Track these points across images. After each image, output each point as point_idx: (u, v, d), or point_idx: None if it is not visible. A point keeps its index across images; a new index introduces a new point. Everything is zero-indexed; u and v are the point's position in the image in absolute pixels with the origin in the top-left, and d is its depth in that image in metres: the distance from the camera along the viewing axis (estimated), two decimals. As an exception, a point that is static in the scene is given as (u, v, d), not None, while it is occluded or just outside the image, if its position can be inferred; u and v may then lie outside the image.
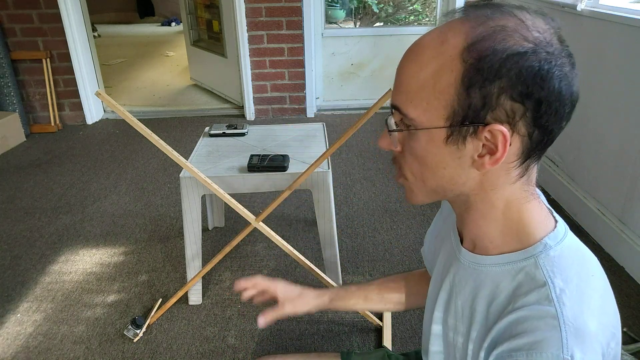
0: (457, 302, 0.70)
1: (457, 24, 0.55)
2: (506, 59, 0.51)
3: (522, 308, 0.57)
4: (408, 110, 0.57)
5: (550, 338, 0.53)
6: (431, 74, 0.55)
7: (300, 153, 1.71)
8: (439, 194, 0.64)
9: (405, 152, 0.62)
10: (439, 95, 0.55)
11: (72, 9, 3.29)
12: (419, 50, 0.57)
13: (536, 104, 0.53)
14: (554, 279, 0.57)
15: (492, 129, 0.54)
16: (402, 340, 1.59)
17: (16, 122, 3.31)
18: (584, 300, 0.56)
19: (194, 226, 1.67)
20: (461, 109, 0.54)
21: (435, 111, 0.56)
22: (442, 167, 0.59)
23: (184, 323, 1.71)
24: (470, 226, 0.66)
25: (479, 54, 0.52)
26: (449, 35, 0.54)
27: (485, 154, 0.56)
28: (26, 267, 2.02)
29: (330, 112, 3.79)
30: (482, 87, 0.52)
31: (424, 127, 0.57)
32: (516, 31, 0.52)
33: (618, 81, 1.93)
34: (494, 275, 0.63)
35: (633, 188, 1.85)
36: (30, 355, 1.59)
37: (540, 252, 0.59)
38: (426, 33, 0.58)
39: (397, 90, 0.59)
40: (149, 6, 8.28)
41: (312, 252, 2.06)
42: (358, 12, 5.08)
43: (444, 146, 0.57)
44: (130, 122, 1.26)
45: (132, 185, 2.70)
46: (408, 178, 0.64)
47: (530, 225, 0.62)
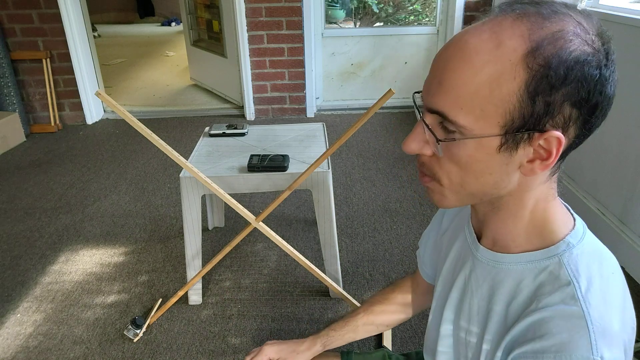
0: (472, 301, 0.68)
1: (510, 24, 0.51)
2: (572, 66, 0.49)
3: (546, 308, 0.56)
4: (457, 117, 0.53)
5: (578, 339, 0.52)
6: (488, 80, 0.51)
7: (300, 153, 1.71)
8: (476, 198, 0.61)
9: (443, 157, 0.57)
10: (498, 103, 0.51)
11: (72, 9, 3.29)
12: (469, 52, 0.52)
13: (591, 109, 0.53)
14: (579, 278, 0.56)
15: (548, 136, 0.52)
16: (402, 341, 1.59)
17: (16, 122, 3.31)
18: (607, 299, 0.56)
19: (194, 226, 1.67)
20: (521, 117, 0.51)
21: (491, 119, 0.52)
22: (487, 173, 0.56)
23: (184, 323, 1.71)
24: (495, 225, 0.64)
25: (544, 61, 0.49)
26: (505, 38, 0.50)
27: (534, 159, 0.55)
28: (26, 267, 2.02)
29: (330, 112, 3.79)
30: (548, 95, 0.50)
31: (476, 135, 0.53)
32: (576, 35, 0.50)
33: (618, 81, 1.93)
34: (515, 273, 0.62)
35: (633, 188, 1.85)
36: (30, 355, 1.59)
37: (564, 251, 0.59)
38: (471, 32, 0.53)
39: (441, 94, 0.54)
40: (149, 6, 8.28)
41: (312, 252, 2.06)
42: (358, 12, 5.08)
43: (495, 154, 0.54)
44: (130, 122, 1.26)
45: (132, 185, 2.70)
46: (443, 183, 0.59)
47: (554, 223, 0.61)
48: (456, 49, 0.53)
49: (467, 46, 0.52)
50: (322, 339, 0.99)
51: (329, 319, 1.70)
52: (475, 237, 0.69)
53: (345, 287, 1.84)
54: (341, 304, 1.77)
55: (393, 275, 1.92)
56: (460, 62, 0.52)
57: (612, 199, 1.99)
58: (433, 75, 0.55)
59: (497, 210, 0.62)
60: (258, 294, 1.84)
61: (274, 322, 1.70)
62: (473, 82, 0.51)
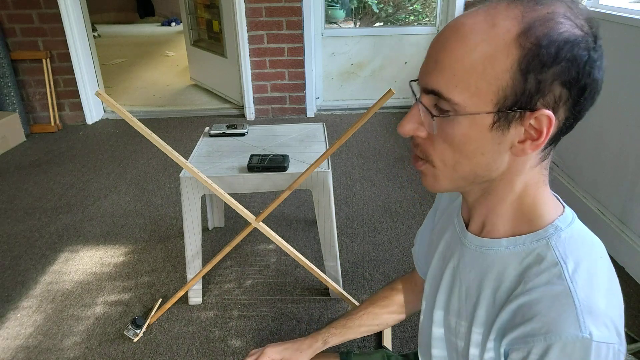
0: (461, 287, 0.69)
1: (504, 7, 0.54)
2: (562, 45, 0.52)
3: (533, 289, 0.57)
4: (452, 94, 0.54)
5: (566, 318, 0.53)
6: (482, 58, 0.53)
7: (300, 153, 1.71)
8: (468, 181, 0.61)
9: (437, 138, 0.58)
10: (491, 80, 0.53)
11: (72, 9, 3.29)
12: (464, 32, 0.54)
13: (580, 91, 0.55)
14: (566, 259, 0.57)
15: (539, 114, 0.54)
16: (402, 341, 1.59)
17: (16, 122, 3.31)
18: (594, 281, 0.57)
19: (194, 226, 1.67)
20: (513, 95, 0.53)
21: (485, 96, 0.54)
22: (480, 153, 0.57)
23: (184, 323, 1.71)
24: (483, 210, 0.65)
25: (536, 40, 0.52)
26: (499, 19, 0.53)
27: (525, 139, 0.56)
28: (26, 267, 2.02)
29: (330, 112, 3.79)
30: (539, 73, 0.52)
31: (470, 112, 0.55)
32: (567, 18, 0.53)
33: (618, 81, 1.93)
34: (502, 258, 0.63)
35: (633, 188, 1.85)
36: (30, 355, 1.59)
37: (552, 233, 0.60)
38: (466, 14, 0.56)
39: (437, 72, 0.55)
40: (149, 6, 8.28)
41: (312, 252, 2.06)
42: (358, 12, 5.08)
43: (488, 132, 0.56)
44: (130, 122, 1.26)
45: (132, 185, 2.70)
46: (436, 165, 0.60)
47: (543, 208, 0.62)
48: (452, 30, 0.55)
49: (462, 27, 0.54)
50: (322, 336, 0.99)
51: (329, 319, 1.70)
52: (464, 225, 0.70)
53: (345, 287, 1.84)
54: (341, 304, 1.77)
55: (393, 275, 1.92)
56: (455, 42, 0.54)
57: (612, 199, 1.99)
58: (430, 56, 0.57)
59: (487, 195, 0.63)
60: (258, 294, 1.84)
61: (274, 322, 1.70)
62: (468, 60, 0.53)
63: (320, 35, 3.63)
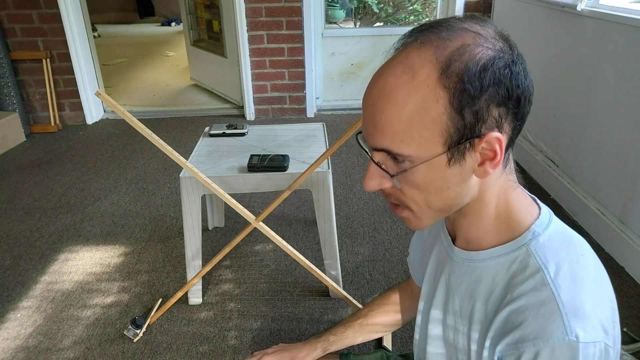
0: (454, 301, 0.70)
1: (416, 54, 0.55)
2: (482, 72, 0.53)
3: (520, 297, 0.59)
4: (401, 149, 0.56)
5: (551, 323, 0.55)
6: (416, 110, 0.54)
7: (300, 153, 1.71)
8: (446, 212, 0.64)
9: (403, 186, 0.61)
10: (431, 126, 0.55)
11: (72, 9, 3.29)
12: (389, 91, 0.55)
13: (516, 102, 0.56)
14: (547, 264, 0.59)
15: (488, 138, 0.56)
16: (402, 341, 1.59)
17: (16, 122, 3.31)
18: (578, 281, 0.58)
19: (194, 226, 1.67)
20: (456, 131, 0.55)
21: (431, 141, 0.56)
22: (446, 188, 0.60)
23: (184, 323, 1.71)
24: (465, 227, 0.67)
25: (457, 76, 0.53)
26: (416, 67, 0.54)
27: (483, 161, 0.58)
28: (26, 267, 2.02)
29: (330, 112, 3.79)
30: (472, 105, 0.54)
31: (424, 159, 0.57)
32: (477, 45, 0.54)
33: (618, 81, 1.93)
34: (490, 268, 0.64)
35: (633, 188, 1.85)
36: (30, 355, 1.59)
37: (530, 240, 0.61)
38: (385, 70, 0.57)
39: (379, 134, 0.57)
40: (149, 6, 8.28)
41: (312, 252, 2.06)
42: (358, 12, 5.08)
43: (447, 169, 0.58)
44: (130, 122, 1.26)
45: (132, 185, 2.70)
46: (413, 209, 0.63)
47: (518, 214, 0.64)
48: (377, 90, 0.57)
49: (386, 86, 0.56)
50: (322, 343, 0.99)
51: (329, 319, 1.70)
52: (450, 240, 0.72)
53: (345, 287, 1.84)
54: (341, 304, 1.77)
55: (393, 275, 1.92)
56: (385, 103, 0.56)
57: (612, 199, 1.99)
58: (367, 118, 0.59)
59: (465, 215, 0.65)
60: (258, 294, 1.84)
61: (274, 322, 1.70)
62: (403, 116, 0.55)
63: (320, 35, 3.63)
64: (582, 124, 2.19)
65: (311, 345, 0.99)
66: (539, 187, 2.53)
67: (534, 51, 2.60)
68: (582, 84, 2.18)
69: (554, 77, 2.42)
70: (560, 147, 2.40)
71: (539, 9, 2.54)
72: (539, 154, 2.61)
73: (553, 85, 2.43)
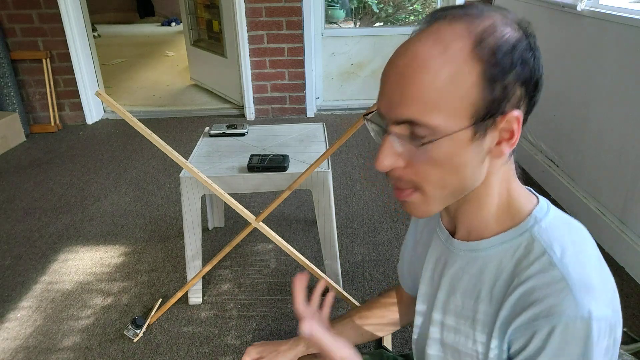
0: (456, 300, 0.70)
1: (448, 28, 0.56)
2: (512, 50, 0.55)
3: (528, 279, 0.59)
4: (429, 120, 0.55)
5: (563, 301, 0.55)
6: (449, 79, 0.54)
7: (300, 153, 1.71)
8: (456, 196, 0.62)
9: (418, 163, 0.58)
10: (462, 98, 0.55)
11: (72, 9, 3.29)
12: (422, 60, 0.55)
13: (534, 86, 0.58)
14: (552, 246, 0.60)
15: (510, 116, 0.57)
16: (403, 341, 1.59)
17: (16, 122, 3.31)
18: (583, 260, 0.59)
19: (194, 226, 1.67)
20: (484, 105, 0.56)
21: (459, 113, 0.55)
22: (463, 166, 0.59)
23: (183, 323, 1.71)
24: (467, 216, 0.67)
25: (491, 50, 0.54)
26: (448, 40, 0.55)
27: (501, 141, 0.59)
28: (26, 267, 2.02)
29: (330, 112, 3.79)
30: (503, 80, 0.55)
31: (449, 133, 0.56)
32: (505, 25, 0.56)
33: (618, 81, 1.93)
34: (493, 257, 0.64)
35: (633, 188, 1.85)
36: (30, 355, 1.59)
37: (533, 225, 0.62)
38: (414, 42, 0.57)
39: (406, 103, 0.56)
40: (149, 6, 8.28)
41: (312, 252, 2.06)
42: (358, 12, 5.08)
43: (469, 145, 0.57)
44: (130, 122, 1.26)
45: (132, 185, 2.70)
46: (425, 190, 0.60)
47: (519, 201, 0.65)
48: (408, 60, 0.56)
49: (417, 56, 0.55)
50: (304, 339, 0.97)
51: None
52: (449, 234, 0.72)
53: (345, 287, 1.84)
54: (341, 304, 1.77)
55: (393, 275, 1.92)
56: (417, 71, 0.55)
57: (612, 199, 1.99)
58: (392, 89, 0.57)
59: (468, 202, 0.65)
60: (258, 294, 1.84)
61: (274, 322, 1.70)
62: (436, 85, 0.54)
63: (320, 35, 3.63)
64: (582, 124, 2.19)
65: (294, 341, 0.97)
66: (539, 187, 2.53)
67: (534, 51, 2.59)
68: (582, 84, 2.18)
69: (554, 77, 2.42)
70: (560, 147, 2.40)
71: (539, 9, 2.54)
72: (539, 154, 2.61)
73: (553, 85, 2.43)
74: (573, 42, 2.24)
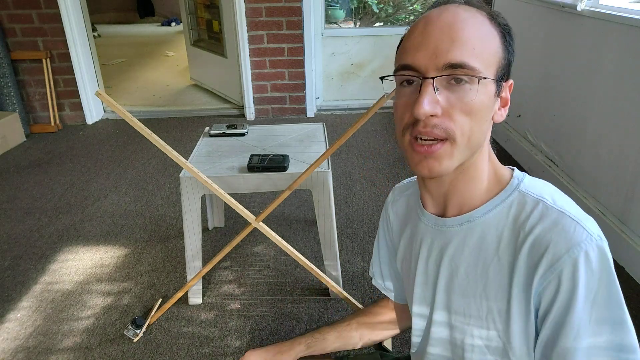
0: (459, 275, 0.70)
1: (464, 8, 0.64)
2: (507, 26, 0.65)
3: (534, 228, 0.62)
4: (476, 64, 0.60)
5: (575, 232, 0.59)
6: (485, 34, 0.62)
7: (300, 153, 1.71)
8: (472, 153, 0.66)
9: (454, 111, 0.61)
10: (494, 52, 0.63)
11: (72, 9, 3.29)
12: (463, 17, 0.62)
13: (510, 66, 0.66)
14: (543, 195, 0.65)
15: (510, 83, 0.67)
16: (403, 341, 1.59)
17: (16, 122, 3.31)
18: (568, 200, 0.65)
19: (194, 226, 1.67)
20: (505, 65, 0.64)
21: (492, 66, 0.63)
22: (487, 119, 0.65)
23: (184, 323, 1.71)
24: (462, 188, 0.69)
25: (504, 22, 0.65)
26: (472, 11, 0.63)
27: (501, 106, 0.67)
28: (26, 267, 2.02)
29: (330, 112, 3.79)
30: (510, 47, 0.65)
31: (488, 77, 0.61)
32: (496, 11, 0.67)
33: (618, 81, 1.93)
34: (489, 221, 0.67)
35: (633, 188, 1.85)
36: (30, 355, 1.59)
37: (518, 184, 0.67)
38: (446, 9, 0.63)
39: (457, 48, 0.60)
40: (149, 6, 8.28)
41: (312, 252, 2.06)
42: (358, 12, 5.08)
43: (493, 99, 0.64)
44: (130, 122, 1.26)
45: (132, 185, 2.70)
46: (457, 139, 0.62)
47: (501, 168, 0.70)
48: (450, 15, 0.62)
49: (459, 14, 0.62)
50: (306, 339, 0.97)
51: (329, 319, 1.70)
52: (434, 216, 0.73)
53: (345, 287, 1.84)
54: (341, 304, 1.77)
55: (393, 275, 1.91)
56: (463, 23, 0.61)
57: (612, 199, 1.99)
58: (439, 38, 0.61)
59: (466, 171, 0.68)
60: (258, 294, 1.84)
61: (274, 322, 1.70)
62: (479, 35, 0.62)
63: (320, 35, 3.63)
64: (582, 124, 2.19)
65: (295, 341, 0.97)
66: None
67: (534, 51, 2.60)
68: (582, 84, 2.18)
69: (554, 77, 2.42)
70: (560, 147, 2.40)
71: (539, 9, 2.54)
72: (539, 154, 2.61)
73: (553, 85, 2.43)
74: (573, 42, 2.24)
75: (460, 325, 0.71)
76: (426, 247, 0.75)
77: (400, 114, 0.65)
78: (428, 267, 0.75)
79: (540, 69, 2.54)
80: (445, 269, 0.72)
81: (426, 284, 0.77)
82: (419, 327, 0.81)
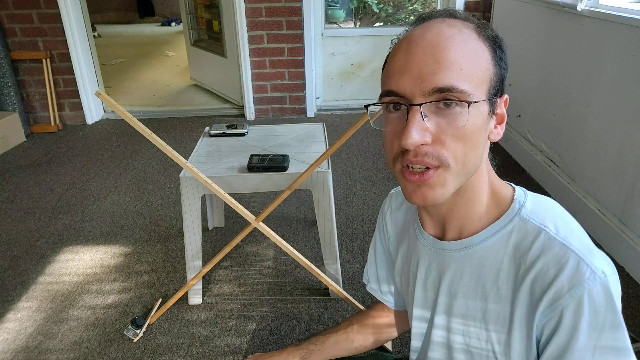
0: (459, 300, 0.69)
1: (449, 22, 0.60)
2: (497, 38, 0.62)
3: (535, 261, 0.60)
4: (464, 86, 0.56)
5: (578, 269, 0.57)
6: (473, 51, 0.58)
7: (300, 153, 1.71)
8: (467, 178, 0.62)
9: (446, 137, 0.58)
10: (484, 70, 0.59)
11: (72, 9, 3.29)
12: (448, 35, 0.58)
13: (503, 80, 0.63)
14: (545, 223, 0.61)
15: (505, 98, 0.63)
16: (403, 341, 1.59)
17: (16, 122, 3.31)
18: (572, 228, 0.62)
19: (194, 226, 1.67)
20: (497, 81, 0.60)
21: (482, 85, 0.59)
22: (480, 142, 0.60)
23: (183, 323, 1.71)
24: (461, 211, 0.66)
25: (492, 37, 0.61)
26: (458, 26, 0.60)
27: (497, 124, 0.63)
28: (26, 267, 2.02)
29: (330, 112, 3.79)
30: (502, 60, 0.61)
31: (477, 100, 0.58)
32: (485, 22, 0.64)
33: (618, 81, 1.93)
34: (490, 247, 0.65)
35: (633, 188, 1.85)
36: (30, 355, 1.59)
37: (519, 209, 0.64)
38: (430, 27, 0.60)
39: (443, 71, 0.56)
40: (149, 6, 8.28)
41: (312, 252, 2.06)
42: (358, 12, 5.08)
43: (486, 120, 0.60)
44: (130, 122, 1.26)
45: (132, 185, 2.70)
46: (450, 166, 0.59)
47: (502, 189, 0.67)
48: (434, 35, 0.58)
49: (443, 32, 0.59)
50: (301, 351, 0.94)
51: (329, 319, 1.70)
52: (435, 239, 0.71)
53: (345, 287, 1.84)
54: (341, 304, 1.77)
55: (393, 275, 1.91)
56: (449, 42, 0.57)
57: (612, 199, 1.99)
58: (423, 60, 0.57)
59: (464, 193, 0.65)
60: (258, 294, 1.84)
61: (274, 322, 1.70)
62: (466, 54, 0.57)
63: (320, 35, 3.63)
64: (582, 124, 2.19)
65: (290, 353, 0.95)
66: (539, 187, 2.53)
67: (534, 51, 2.60)
68: (582, 84, 2.18)
69: (554, 77, 2.42)
70: (560, 147, 2.40)
71: (539, 9, 2.54)
72: (539, 154, 2.61)
73: (553, 85, 2.43)
74: (573, 42, 2.24)
75: (460, 347, 0.71)
76: (424, 268, 0.74)
77: (390, 141, 0.62)
78: (427, 288, 0.74)
79: (540, 69, 2.54)
80: (444, 294, 0.71)
81: (425, 306, 0.76)
82: (416, 346, 0.80)
